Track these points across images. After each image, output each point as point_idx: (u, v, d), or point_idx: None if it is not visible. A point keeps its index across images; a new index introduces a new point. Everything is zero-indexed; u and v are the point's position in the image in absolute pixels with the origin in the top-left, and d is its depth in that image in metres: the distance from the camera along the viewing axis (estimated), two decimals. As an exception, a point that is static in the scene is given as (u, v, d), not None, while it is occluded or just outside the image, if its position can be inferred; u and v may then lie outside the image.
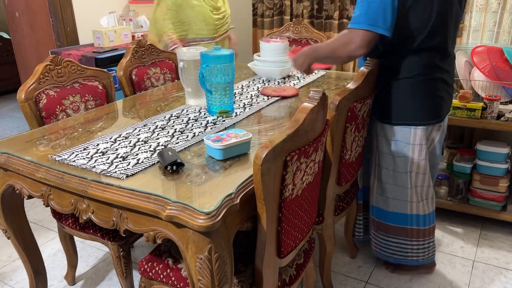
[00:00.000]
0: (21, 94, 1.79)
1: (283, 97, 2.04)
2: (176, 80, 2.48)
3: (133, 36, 3.34)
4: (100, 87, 2.07)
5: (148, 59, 2.39)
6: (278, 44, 2.33)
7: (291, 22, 2.95)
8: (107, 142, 1.55)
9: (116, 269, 1.73)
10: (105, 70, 2.12)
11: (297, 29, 2.90)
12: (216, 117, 1.79)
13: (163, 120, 1.77)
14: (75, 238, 1.96)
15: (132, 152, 1.47)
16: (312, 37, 2.87)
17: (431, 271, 2.06)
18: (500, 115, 2.17)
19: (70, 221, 1.78)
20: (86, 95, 2.00)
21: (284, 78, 2.38)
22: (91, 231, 1.73)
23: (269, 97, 2.04)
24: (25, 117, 1.82)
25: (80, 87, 2.00)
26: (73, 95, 1.94)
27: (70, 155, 1.46)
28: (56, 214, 1.83)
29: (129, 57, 2.29)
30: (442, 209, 2.52)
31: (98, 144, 1.54)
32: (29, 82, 1.82)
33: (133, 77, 2.29)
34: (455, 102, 2.22)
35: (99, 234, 1.71)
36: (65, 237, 1.95)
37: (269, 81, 2.33)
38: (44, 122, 1.84)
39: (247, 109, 1.89)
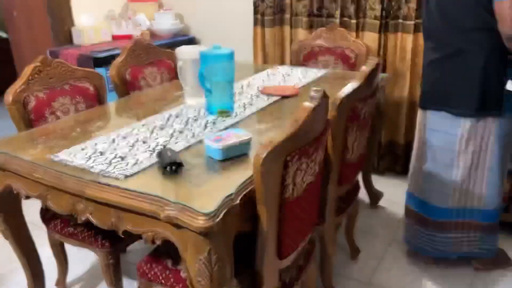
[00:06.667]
0: (9, 96, 1.74)
1: (284, 97, 2.02)
2: (174, 80, 2.46)
3: (131, 36, 3.33)
4: (91, 89, 2.04)
5: (145, 59, 2.37)
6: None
7: (323, 28, 2.68)
8: (106, 142, 1.54)
9: (104, 277, 1.69)
10: (96, 71, 2.10)
11: (330, 36, 2.60)
12: (215, 117, 1.78)
13: (162, 120, 1.75)
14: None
15: (131, 152, 1.46)
16: (348, 45, 2.56)
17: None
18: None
19: (58, 227, 1.74)
20: (77, 97, 1.96)
21: (284, 77, 2.37)
22: (80, 237, 1.68)
23: (269, 97, 2.02)
24: (12, 120, 1.77)
25: (71, 88, 1.95)
26: (63, 97, 1.90)
27: (69, 155, 1.44)
28: (45, 220, 1.79)
29: (124, 56, 2.26)
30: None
31: (96, 144, 1.52)
32: (17, 84, 1.78)
33: (127, 76, 2.25)
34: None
35: (87, 241, 1.67)
36: (55, 243, 1.90)
37: (269, 80, 2.32)
38: (33, 125, 1.79)
39: (247, 109, 1.87)
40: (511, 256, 2.12)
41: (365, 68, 1.68)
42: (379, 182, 2.92)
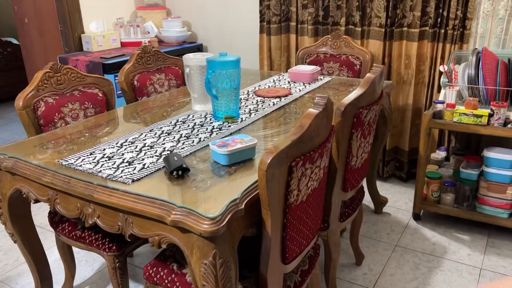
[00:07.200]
0: (19, 101, 1.78)
1: (277, 96, 2.12)
2: (181, 86, 2.49)
3: (139, 42, 3.37)
4: (100, 95, 2.07)
5: (153, 65, 2.40)
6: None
7: (329, 36, 2.76)
8: (113, 147, 1.56)
9: (111, 280, 1.71)
10: (105, 77, 2.13)
11: (335, 43, 2.68)
12: (221, 123, 1.80)
13: (169, 126, 1.78)
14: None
15: (138, 157, 1.48)
16: (353, 53, 2.65)
17: None
18: (507, 122, 2.15)
19: (66, 230, 1.75)
20: (86, 102, 1.99)
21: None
22: (87, 241, 1.70)
23: (275, 103, 2.05)
24: (23, 125, 1.81)
25: (80, 94, 1.99)
26: (72, 103, 1.93)
27: (77, 159, 1.47)
28: (53, 223, 1.81)
29: (132, 63, 2.29)
30: (448, 216, 2.50)
31: (104, 149, 1.55)
32: (28, 89, 1.82)
33: (135, 82, 2.29)
34: (462, 109, 2.21)
35: (95, 245, 1.68)
36: (63, 246, 1.92)
37: (275, 87, 2.34)
38: (42, 130, 1.83)
39: (252, 115, 1.89)
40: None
41: (369, 75, 1.69)
42: (384, 188, 2.92)
